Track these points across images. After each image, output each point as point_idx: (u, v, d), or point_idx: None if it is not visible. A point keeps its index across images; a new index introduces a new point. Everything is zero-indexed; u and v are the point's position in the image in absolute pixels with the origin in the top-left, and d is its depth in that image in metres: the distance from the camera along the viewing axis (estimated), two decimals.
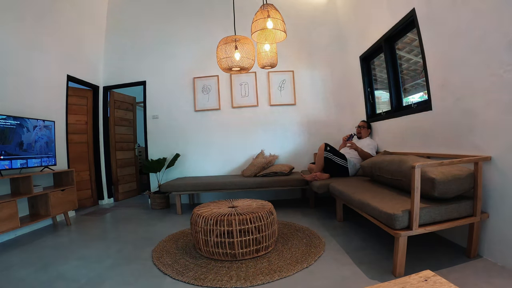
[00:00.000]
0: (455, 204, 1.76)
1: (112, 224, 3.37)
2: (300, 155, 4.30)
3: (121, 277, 1.91)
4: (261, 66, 2.82)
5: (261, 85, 4.37)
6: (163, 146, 4.42)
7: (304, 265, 1.93)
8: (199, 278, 1.81)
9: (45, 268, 2.09)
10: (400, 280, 0.86)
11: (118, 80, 4.60)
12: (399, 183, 2.13)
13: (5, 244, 2.69)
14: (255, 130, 4.36)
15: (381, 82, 3.64)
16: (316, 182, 3.12)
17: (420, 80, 2.81)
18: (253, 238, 2.09)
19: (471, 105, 1.96)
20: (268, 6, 2.16)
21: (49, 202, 3.03)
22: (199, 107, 4.41)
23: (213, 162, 4.38)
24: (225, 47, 2.61)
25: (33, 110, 3.24)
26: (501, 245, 1.75)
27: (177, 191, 3.63)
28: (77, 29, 4.04)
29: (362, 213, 2.18)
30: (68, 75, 3.88)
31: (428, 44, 2.36)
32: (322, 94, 4.36)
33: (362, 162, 2.87)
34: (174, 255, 2.22)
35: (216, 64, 3.67)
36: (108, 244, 2.59)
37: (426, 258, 1.92)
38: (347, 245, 2.27)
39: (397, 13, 2.74)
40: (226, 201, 2.61)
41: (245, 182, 3.59)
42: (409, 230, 1.67)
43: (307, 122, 4.34)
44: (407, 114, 2.77)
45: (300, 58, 4.38)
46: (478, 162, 1.80)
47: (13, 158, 2.78)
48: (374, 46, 3.34)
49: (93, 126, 4.51)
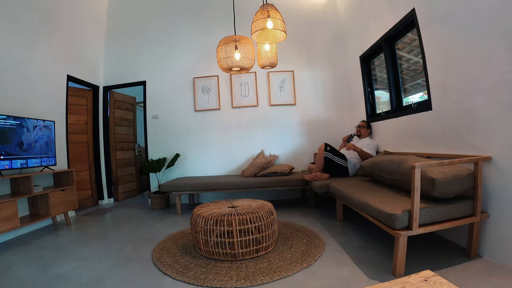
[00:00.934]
0: (455, 204, 1.76)
1: (112, 224, 3.37)
2: (300, 155, 4.30)
3: (121, 277, 1.91)
4: (261, 66, 2.82)
5: (261, 85, 4.38)
6: (163, 146, 4.42)
7: (304, 265, 1.93)
8: (199, 278, 1.81)
9: (45, 268, 2.09)
10: (400, 280, 0.86)
11: (118, 80, 4.61)
12: (399, 183, 2.14)
13: (5, 244, 2.69)
14: (255, 130, 4.36)
15: (381, 82, 3.64)
16: (316, 182, 3.12)
17: (420, 80, 2.81)
18: (253, 238, 2.09)
19: (471, 105, 1.96)
20: (268, 6, 2.16)
21: (49, 202, 3.03)
22: (199, 107, 4.41)
23: (213, 162, 4.38)
24: (225, 47, 2.61)
25: (33, 110, 3.24)
26: (501, 245, 1.75)
27: (177, 191, 3.63)
28: (77, 29, 4.04)
29: (362, 213, 2.18)
30: (68, 75, 3.88)
31: (428, 44, 2.36)
32: (322, 94, 4.36)
33: (362, 162, 2.87)
34: (174, 255, 2.22)
35: (216, 64, 3.68)
36: (108, 244, 2.59)
37: (426, 258, 1.91)
38: (347, 245, 2.27)
39: (397, 13, 2.74)
40: (226, 201, 2.61)
41: (245, 182, 3.59)
42: (409, 230, 1.67)
43: (307, 122, 4.34)
44: (407, 114, 2.77)
45: (300, 58, 4.38)
46: (478, 162, 1.80)
47: (13, 158, 2.78)
48: (374, 46, 3.34)
49: (93, 126, 4.51)
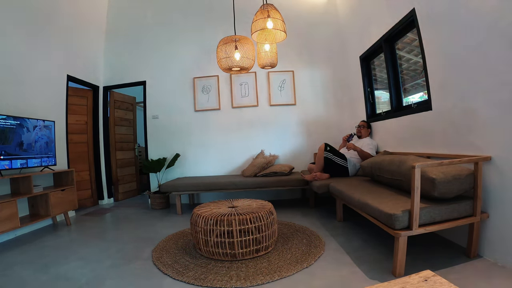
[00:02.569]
0: (455, 204, 1.76)
1: (112, 224, 3.37)
2: (300, 155, 4.30)
3: (121, 277, 1.91)
4: (261, 66, 2.81)
5: (261, 85, 4.38)
6: (163, 146, 4.42)
7: (304, 265, 1.93)
8: (199, 278, 1.81)
9: (45, 268, 2.09)
10: (400, 280, 0.86)
11: (118, 80, 4.60)
12: (399, 183, 2.13)
13: (5, 244, 2.69)
14: (255, 130, 4.36)
15: (381, 82, 3.64)
16: (316, 182, 3.12)
17: (420, 80, 2.81)
18: (253, 238, 2.09)
19: (471, 105, 1.96)
20: (268, 6, 2.16)
21: (49, 202, 3.03)
22: (199, 107, 4.41)
23: (213, 162, 4.38)
24: (225, 47, 2.61)
25: (33, 110, 3.24)
26: (501, 245, 1.75)
27: (177, 191, 3.63)
28: (77, 29, 4.04)
29: (362, 213, 2.18)
30: (68, 75, 3.88)
31: (428, 44, 2.36)
32: (322, 94, 4.36)
33: (362, 162, 2.87)
34: (174, 255, 2.22)
35: (216, 64, 3.67)
36: (108, 244, 2.59)
37: (426, 258, 1.91)
38: (347, 245, 2.27)
39: (397, 13, 2.74)
40: (226, 201, 2.61)
41: (245, 182, 3.59)
42: (409, 230, 1.67)
43: (307, 122, 4.34)
44: (407, 114, 2.77)
45: (300, 58, 4.37)
46: (478, 162, 1.80)
47: (13, 158, 2.78)
48: (374, 46, 3.34)
49: (93, 126, 4.51)
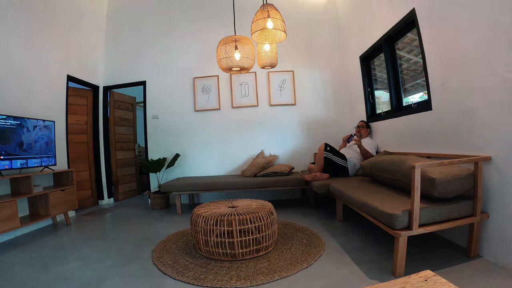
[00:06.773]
0: (455, 204, 1.76)
1: (112, 224, 3.37)
2: (300, 155, 4.30)
3: (121, 277, 1.91)
4: (261, 66, 2.81)
5: (261, 85, 4.38)
6: (163, 146, 4.42)
7: (304, 265, 1.93)
8: (199, 278, 1.81)
9: (45, 268, 2.09)
10: (400, 280, 0.86)
11: (118, 80, 4.60)
12: (399, 183, 2.13)
13: (5, 244, 2.69)
14: (255, 130, 4.36)
15: (381, 82, 3.64)
16: (316, 182, 3.12)
17: (420, 80, 2.81)
18: (253, 238, 2.09)
19: (471, 105, 1.96)
20: (268, 6, 2.16)
21: (49, 202, 3.03)
22: (199, 107, 4.41)
23: (213, 162, 4.38)
24: (225, 47, 2.61)
25: (33, 110, 3.24)
26: (501, 245, 1.75)
27: (177, 191, 3.63)
28: (77, 29, 4.04)
29: (362, 213, 2.18)
30: (68, 75, 3.87)
31: (428, 44, 2.36)
32: (322, 94, 4.36)
33: (362, 162, 2.87)
34: (174, 255, 2.22)
35: (216, 64, 3.68)
36: (108, 244, 2.59)
37: (426, 258, 1.92)
38: (347, 245, 2.27)
39: (397, 13, 2.74)
40: (226, 201, 2.61)
41: (245, 182, 3.59)
42: (409, 230, 1.67)
43: (307, 122, 4.34)
44: (407, 114, 2.77)
45: (300, 58, 4.38)
46: (478, 162, 1.80)
47: (13, 158, 2.78)
48: (374, 46, 3.34)
49: (93, 126, 4.51)
